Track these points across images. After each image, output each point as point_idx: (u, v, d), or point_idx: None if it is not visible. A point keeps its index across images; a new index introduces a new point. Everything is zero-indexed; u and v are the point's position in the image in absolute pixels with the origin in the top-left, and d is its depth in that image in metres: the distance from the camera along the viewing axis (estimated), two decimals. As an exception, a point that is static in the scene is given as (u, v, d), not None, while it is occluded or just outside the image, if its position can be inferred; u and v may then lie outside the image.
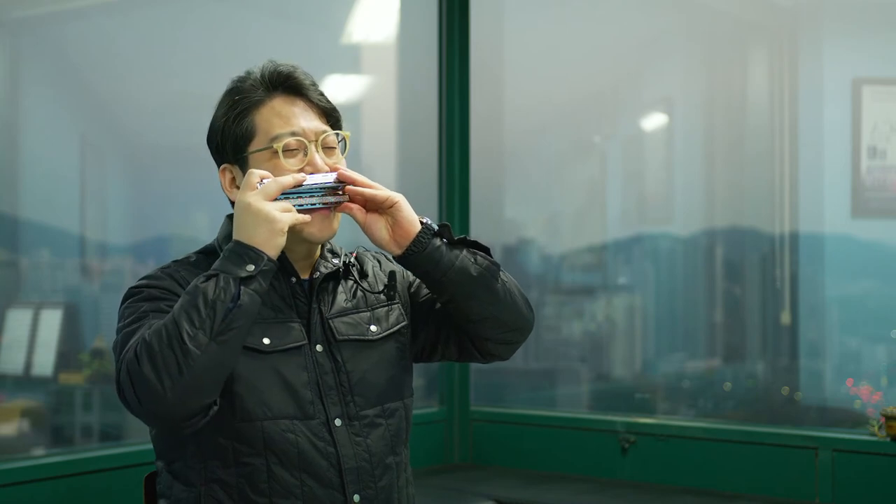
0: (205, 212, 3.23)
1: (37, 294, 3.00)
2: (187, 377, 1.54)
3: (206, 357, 1.55)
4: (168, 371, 1.54)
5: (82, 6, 3.19)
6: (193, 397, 1.57)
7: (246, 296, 1.58)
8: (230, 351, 1.59)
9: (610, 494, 3.14)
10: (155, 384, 1.54)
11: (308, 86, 1.79)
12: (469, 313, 1.79)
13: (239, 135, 1.76)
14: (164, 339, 1.55)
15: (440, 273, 1.75)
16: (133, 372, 1.56)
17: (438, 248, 1.74)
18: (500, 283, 1.79)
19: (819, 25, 3.97)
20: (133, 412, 1.61)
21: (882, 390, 3.17)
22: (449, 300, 1.79)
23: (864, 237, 3.80)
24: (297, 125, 1.75)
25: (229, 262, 1.60)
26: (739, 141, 4.04)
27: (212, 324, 1.56)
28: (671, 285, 4.17)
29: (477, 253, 1.79)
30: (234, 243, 1.63)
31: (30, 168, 2.93)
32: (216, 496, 1.69)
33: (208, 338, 1.55)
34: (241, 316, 1.58)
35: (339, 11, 3.79)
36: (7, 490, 2.53)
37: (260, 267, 1.60)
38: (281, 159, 1.73)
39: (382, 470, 1.76)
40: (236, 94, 1.78)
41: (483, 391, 3.76)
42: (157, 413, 1.57)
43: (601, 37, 4.21)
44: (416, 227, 1.74)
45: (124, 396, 1.60)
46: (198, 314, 1.56)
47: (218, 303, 1.57)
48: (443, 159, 3.72)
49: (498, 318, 1.80)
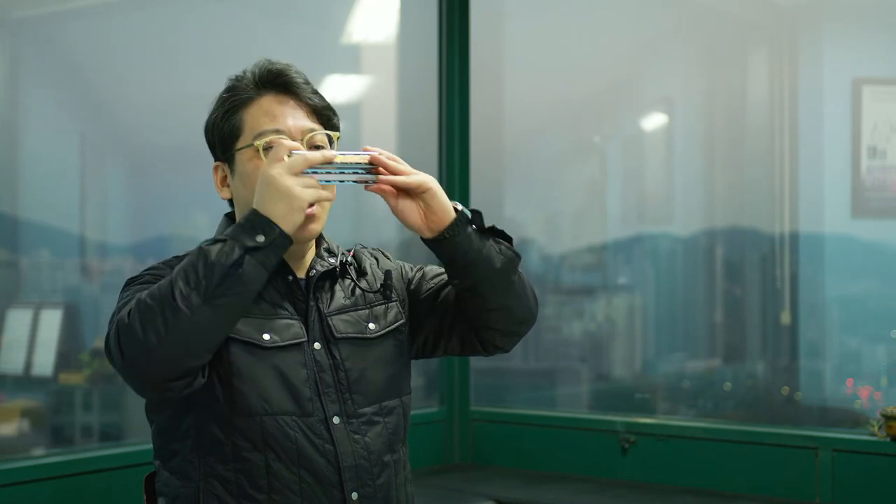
0: (205, 212, 3.23)
1: (37, 294, 3.00)
2: (173, 334, 1.52)
3: (196, 318, 1.52)
4: (155, 327, 1.52)
5: (82, 6, 3.19)
6: (178, 358, 1.55)
7: (250, 265, 1.55)
8: (223, 317, 1.56)
9: (610, 494, 3.14)
10: (141, 339, 1.52)
11: (299, 84, 1.77)
12: (486, 302, 1.78)
13: (227, 132, 1.76)
14: (156, 296, 1.54)
15: (468, 261, 1.72)
16: (122, 327, 1.55)
17: (469, 235, 1.72)
18: (517, 275, 1.78)
19: (819, 25, 3.98)
20: (116, 367, 1.59)
21: (882, 390, 3.17)
22: (469, 287, 1.77)
23: (864, 237, 3.80)
24: (283, 123, 1.73)
25: (240, 230, 1.57)
26: (739, 141, 4.04)
27: (207, 285, 1.53)
28: (671, 285, 4.17)
29: (501, 243, 1.77)
30: (251, 212, 1.59)
31: (30, 168, 2.93)
32: (214, 491, 1.69)
33: (201, 299, 1.53)
34: (240, 283, 1.55)
35: (339, 11, 3.79)
36: (7, 490, 2.53)
37: (271, 239, 1.56)
38: (262, 158, 1.71)
39: (381, 468, 1.76)
40: (228, 92, 1.78)
41: (483, 391, 3.76)
42: (140, 369, 1.56)
43: (601, 37, 4.21)
44: (450, 214, 1.71)
45: (108, 349, 1.59)
46: (195, 274, 1.54)
47: (217, 266, 1.54)
48: (443, 159, 3.72)
49: (511, 309, 1.80)
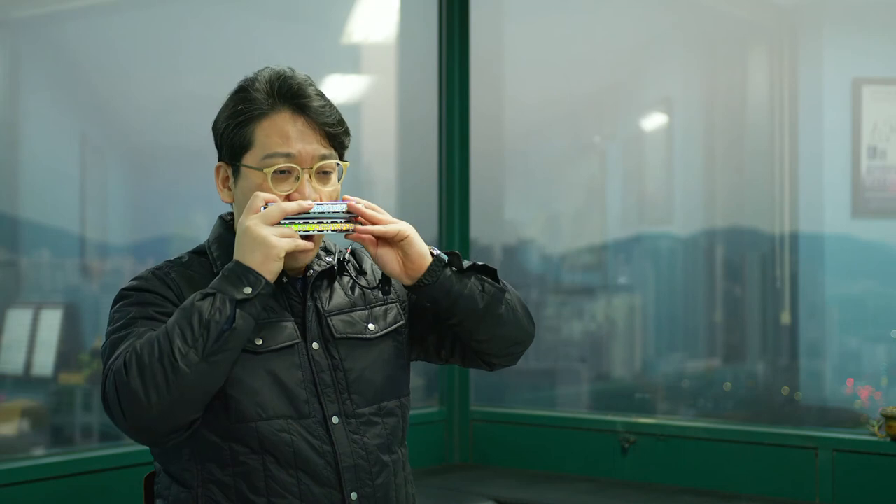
0: (205, 212, 3.22)
1: (37, 294, 3.00)
2: (175, 393, 1.55)
3: (196, 375, 1.56)
4: (156, 386, 1.54)
5: (82, 6, 3.19)
6: (178, 414, 1.58)
7: (241, 319, 1.59)
8: (220, 371, 1.60)
9: (610, 494, 3.14)
10: (141, 397, 1.55)
11: (317, 107, 1.74)
12: (474, 335, 1.82)
13: (237, 142, 1.75)
14: (154, 354, 1.56)
15: (450, 302, 1.76)
16: (120, 383, 1.57)
17: (449, 278, 1.75)
18: (504, 305, 1.81)
19: (819, 25, 3.97)
20: (116, 422, 1.61)
21: (882, 390, 3.17)
22: (455, 324, 1.81)
23: (864, 237, 3.79)
24: (295, 147, 1.72)
25: (227, 283, 1.61)
26: (739, 141, 4.04)
27: (204, 343, 1.56)
28: (671, 285, 4.17)
29: (485, 280, 1.80)
30: (234, 263, 1.63)
31: (30, 168, 2.93)
32: (213, 497, 1.69)
33: (199, 357, 1.56)
34: (235, 338, 1.59)
35: (339, 11, 3.78)
36: (7, 490, 2.53)
37: (257, 290, 1.61)
38: (269, 184, 1.71)
39: (380, 468, 1.76)
40: (243, 101, 1.75)
41: (483, 391, 3.76)
42: (141, 426, 1.58)
43: (601, 37, 4.20)
44: (426, 259, 1.74)
45: (108, 406, 1.60)
46: (191, 332, 1.57)
47: (212, 323, 1.57)
48: (443, 159, 3.72)
49: (503, 338, 1.83)
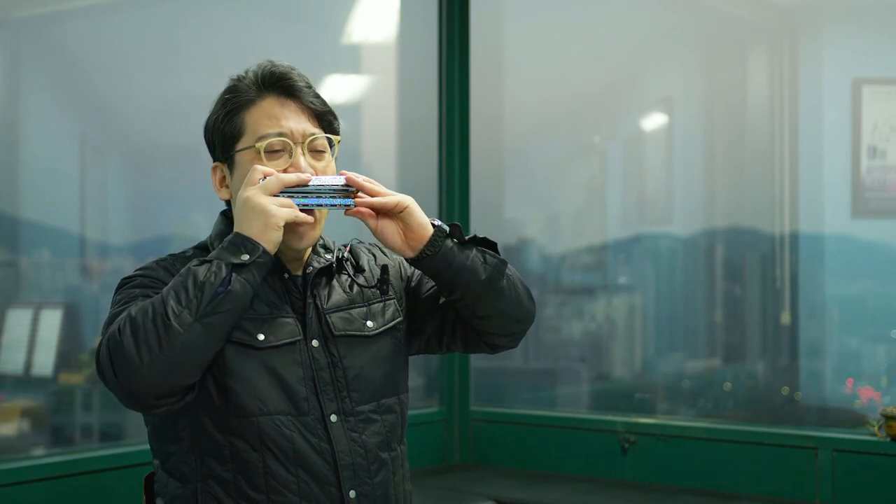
0: (205, 212, 3.22)
1: (37, 294, 3.00)
2: (167, 353, 1.54)
3: (188, 336, 1.55)
4: (148, 345, 1.54)
5: (82, 6, 3.19)
6: (170, 375, 1.56)
7: (237, 283, 1.59)
8: (214, 334, 1.59)
9: (610, 494, 3.14)
10: (133, 356, 1.54)
11: (302, 88, 1.77)
12: (476, 310, 1.80)
13: (228, 133, 1.77)
14: (148, 314, 1.56)
15: (452, 274, 1.75)
16: (113, 344, 1.56)
17: (451, 249, 1.75)
18: (505, 279, 1.80)
19: (819, 25, 3.97)
20: (107, 384, 1.61)
21: (882, 390, 3.17)
22: (458, 298, 1.80)
23: (864, 237, 3.80)
24: (285, 126, 1.74)
25: (225, 251, 1.62)
26: (739, 141, 4.04)
27: (198, 304, 1.56)
28: (671, 285, 4.17)
29: (486, 252, 1.79)
30: (233, 234, 1.64)
31: (30, 168, 2.93)
32: (213, 492, 1.69)
33: (193, 317, 1.56)
34: (229, 301, 1.58)
35: (339, 11, 3.78)
36: (7, 490, 2.53)
37: (254, 257, 1.61)
38: (263, 160, 1.72)
39: (378, 465, 1.76)
40: (230, 93, 1.78)
41: (483, 391, 3.76)
42: (132, 387, 1.57)
43: (601, 37, 4.20)
44: (427, 230, 1.74)
45: (101, 368, 1.60)
46: (185, 293, 1.57)
47: (207, 284, 1.57)
48: (443, 159, 3.72)
49: (504, 313, 1.82)
